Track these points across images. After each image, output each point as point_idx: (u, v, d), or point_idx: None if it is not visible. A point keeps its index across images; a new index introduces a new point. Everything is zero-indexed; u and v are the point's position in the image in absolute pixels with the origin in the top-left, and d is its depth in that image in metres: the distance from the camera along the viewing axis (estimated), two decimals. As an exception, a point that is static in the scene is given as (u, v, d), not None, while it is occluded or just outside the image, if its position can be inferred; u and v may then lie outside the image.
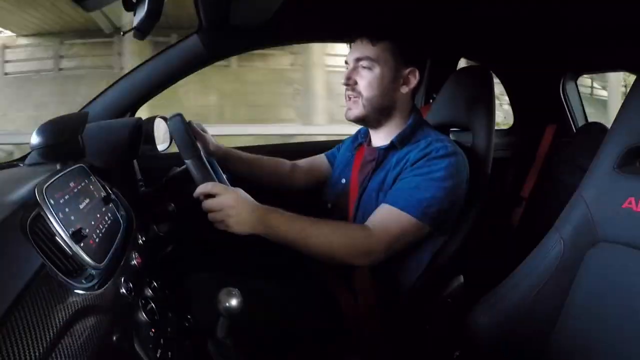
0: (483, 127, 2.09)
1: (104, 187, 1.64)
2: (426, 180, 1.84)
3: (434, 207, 1.82)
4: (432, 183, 1.83)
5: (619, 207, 1.48)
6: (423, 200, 1.81)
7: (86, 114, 1.62)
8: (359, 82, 2.01)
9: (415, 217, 1.81)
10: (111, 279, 1.23)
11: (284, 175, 2.54)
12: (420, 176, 1.85)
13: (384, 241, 1.80)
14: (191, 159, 1.72)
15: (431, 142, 1.93)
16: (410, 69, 2.02)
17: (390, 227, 1.82)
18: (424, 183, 1.83)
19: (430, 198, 1.82)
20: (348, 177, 2.20)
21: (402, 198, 1.84)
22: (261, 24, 2.22)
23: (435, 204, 1.82)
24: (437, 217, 1.83)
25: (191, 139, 1.75)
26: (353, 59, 2.04)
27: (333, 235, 1.80)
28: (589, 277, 1.51)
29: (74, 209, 1.29)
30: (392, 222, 1.82)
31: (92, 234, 1.28)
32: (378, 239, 1.80)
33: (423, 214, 1.81)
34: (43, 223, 1.12)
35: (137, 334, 1.27)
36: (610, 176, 1.54)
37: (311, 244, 1.78)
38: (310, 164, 2.59)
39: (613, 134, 1.58)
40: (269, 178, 2.49)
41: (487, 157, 2.06)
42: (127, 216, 1.70)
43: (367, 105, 2.01)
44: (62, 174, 1.38)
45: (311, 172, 2.56)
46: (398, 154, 1.99)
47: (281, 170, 2.55)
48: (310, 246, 1.79)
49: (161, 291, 1.60)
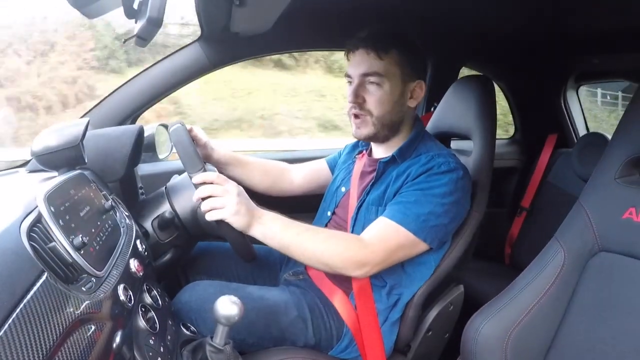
0: (484, 136, 2.09)
1: (104, 194, 1.64)
2: (426, 196, 1.82)
3: (432, 222, 1.81)
4: (432, 199, 1.82)
5: (619, 217, 1.49)
6: (421, 215, 1.80)
7: (87, 121, 1.62)
8: (368, 99, 1.96)
9: (412, 232, 1.80)
10: (111, 287, 1.22)
11: (284, 179, 2.54)
12: (421, 191, 1.84)
13: (379, 254, 1.79)
14: (196, 174, 1.72)
15: (433, 157, 1.92)
16: (417, 82, 1.99)
17: (386, 240, 1.81)
18: (423, 198, 1.82)
19: (428, 213, 1.80)
20: (348, 187, 2.18)
21: (400, 212, 1.82)
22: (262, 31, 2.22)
23: (432, 219, 1.81)
24: (434, 233, 1.83)
25: (195, 152, 1.74)
26: (359, 74, 1.96)
27: (328, 243, 1.79)
28: (589, 287, 1.51)
29: (74, 217, 1.29)
30: (388, 236, 1.81)
31: (92, 241, 1.27)
32: (373, 252, 1.79)
33: (420, 229, 1.80)
34: (43, 230, 1.12)
35: (136, 342, 1.27)
36: (611, 186, 1.54)
37: (305, 249, 1.78)
38: (310, 169, 2.58)
39: (614, 144, 1.59)
40: (269, 181, 2.49)
41: (488, 166, 2.06)
42: (127, 224, 1.69)
43: (377, 124, 1.98)
44: (62, 181, 1.38)
45: (311, 176, 2.56)
46: (398, 168, 1.97)
47: (282, 174, 2.55)
48: (304, 251, 1.78)
49: (161, 299, 1.59)
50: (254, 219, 1.72)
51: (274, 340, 1.91)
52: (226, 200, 1.67)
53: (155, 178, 2.61)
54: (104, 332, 1.07)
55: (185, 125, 1.80)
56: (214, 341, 1.45)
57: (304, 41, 2.85)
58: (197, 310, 1.85)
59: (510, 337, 1.56)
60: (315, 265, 1.83)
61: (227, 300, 1.41)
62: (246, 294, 1.92)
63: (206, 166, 1.77)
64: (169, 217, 1.92)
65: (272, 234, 1.75)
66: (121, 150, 1.94)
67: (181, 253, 2.05)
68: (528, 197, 3.56)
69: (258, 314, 1.88)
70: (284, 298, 1.99)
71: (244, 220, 1.70)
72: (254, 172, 2.45)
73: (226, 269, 2.30)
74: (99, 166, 1.86)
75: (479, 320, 1.63)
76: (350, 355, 1.97)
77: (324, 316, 1.97)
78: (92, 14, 1.59)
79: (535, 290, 1.58)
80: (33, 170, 1.97)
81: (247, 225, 1.71)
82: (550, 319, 1.57)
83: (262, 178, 2.47)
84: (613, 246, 1.49)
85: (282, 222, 1.78)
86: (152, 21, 1.35)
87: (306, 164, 2.61)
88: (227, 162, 2.36)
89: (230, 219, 1.68)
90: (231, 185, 1.70)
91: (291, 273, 2.24)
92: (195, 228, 1.98)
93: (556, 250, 1.59)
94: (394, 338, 2.00)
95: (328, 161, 2.55)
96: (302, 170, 2.58)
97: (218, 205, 1.67)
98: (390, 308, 1.97)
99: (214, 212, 1.69)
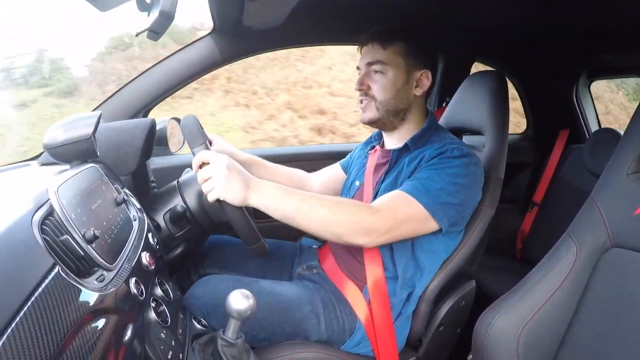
0: (497, 132, 2.09)
1: (116, 187, 1.64)
2: (439, 174, 1.82)
3: (442, 199, 1.80)
4: (445, 177, 1.81)
5: (631, 213, 1.48)
6: (432, 190, 1.79)
7: (99, 114, 1.62)
8: (372, 86, 2.02)
9: (422, 205, 1.78)
10: (123, 280, 1.22)
11: (305, 185, 2.56)
12: (434, 169, 1.84)
13: (387, 221, 1.77)
14: (198, 147, 1.71)
15: (446, 144, 1.92)
16: (423, 71, 2.03)
17: (395, 209, 1.80)
18: (436, 175, 1.82)
19: (439, 189, 1.80)
20: (362, 180, 2.20)
21: (411, 185, 1.82)
22: (274, 25, 2.22)
23: (443, 196, 1.80)
24: (443, 210, 1.81)
25: (200, 131, 1.73)
26: (365, 64, 2.05)
27: (335, 209, 1.75)
28: (602, 282, 1.50)
29: (86, 210, 1.29)
30: (398, 205, 1.80)
31: (104, 234, 1.28)
32: (382, 219, 1.77)
33: (430, 203, 1.79)
34: (55, 223, 1.12)
35: (147, 335, 1.27)
36: (624, 182, 1.54)
37: (312, 216, 1.73)
38: (327, 175, 2.59)
39: (627, 140, 1.58)
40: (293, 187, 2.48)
41: (501, 162, 2.06)
42: (139, 217, 1.70)
43: (381, 109, 2.02)
44: (74, 174, 1.39)
45: (328, 182, 2.57)
46: (411, 154, 1.98)
47: (303, 180, 2.57)
48: (310, 219, 1.74)
49: (172, 292, 1.60)
50: (249, 190, 1.68)
51: (286, 335, 1.91)
52: (216, 180, 1.64)
53: (167, 171, 2.62)
54: (115, 325, 1.07)
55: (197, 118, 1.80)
56: (226, 335, 1.46)
57: (316, 36, 2.85)
58: (210, 305, 1.86)
59: (522, 333, 1.56)
60: (322, 233, 1.78)
61: (239, 294, 1.42)
62: (259, 288, 1.93)
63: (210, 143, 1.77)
64: (180, 210, 1.92)
65: (273, 203, 1.71)
66: (133, 143, 1.94)
67: (193, 246, 2.05)
68: (540, 192, 3.56)
69: (271, 308, 1.89)
70: (297, 293, 2.00)
71: (237, 192, 1.65)
72: (278, 176, 2.47)
73: (237, 262, 2.31)
74: (111, 159, 1.86)
75: (490, 316, 1.62)
76: (363, 350, 1.96)
77: (337, 311, 1.97)
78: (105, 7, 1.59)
79: (547, 286, 1.57)
80: (45, 163, 1.97)
81: (243, 197, 1.67)
82: (562, 314, 1.56)
83: (286, 183, 2.43)
84: (625, 242, 1.48)
85: (284, 189, 1.75)
86: (165, 14, 1.35)
87: (322, 171, 2.63)
88: (251, 164, 2.39)
89: (224, 195, 1.65)
90: (219, 160, 1.66)
91: (305, 267, 2.24)
92: (206, 221, 1.98)
93: (568, 246, 1.59)
94: (407, 333, 2.00)
95: (342, 164, 2.57)
96: (320, 177, 2.60)
97: (209, 187, 1.65)
98: (403, 302, 1.97)
99: (210, 193, 1.66)
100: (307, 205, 1.73)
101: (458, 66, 3.25)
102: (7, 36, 7.24)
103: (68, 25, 6.47)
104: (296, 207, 1.72)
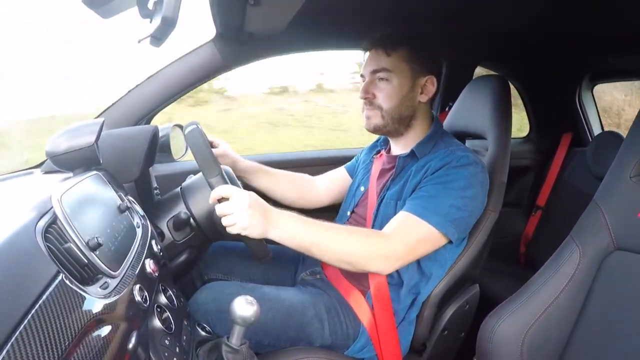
0: (500, 136, 2.09)
1: (119, 195, 1.64)
2: (446, 189, 1.83)
3: (452, 215, 1.81)
4: (452, 192, 1.83)
5: (634, 215, 1.48)
6: (442, 209, 1.81)
7: (102, 121, 1.62)
8: (377, 94, 2.02)
9: (434, 226, 1.80)
10: (126, 287, 1.22)
11: (310, 190, 2.56)
12: (441, 184, 1.85)
13: (401, 248, 1.80)
14: (214, 178, 1.71)
15: (452, 152, 1.93)
16: (428, 77, 2.03)
17: (408, 234, 1.81)
18: (444, 192, 1.83)
19: (449, 207, 1.81)
20: (367, 185, 2.20)
21: (421, 206, 1.83)
22: (277, 31, 2.22)
23: (453, 212, 1.81)
24: (455, 226, 1.83)
25: (212, 156, 1.73)
26: (369, 72, 2.05)
27: (349, 239, 1.79)
28: (605, 285, 1.51)
29: (90, 217, 1.29)
30: (410, 230, 1.81)
31: (107, 242, 1.27)
32: (395, 245, 1.79)
33: (441, 223, 1.80)
34: (58, 231, 1.12)
35: (152, 342, 1.27)
36: (627, 185, 1.54)
37: (327, 248, 1.77)
38: (332, 178, 2.60)
39: (629, 142, 1.58)
40: (297, 191, 2.52)
41: (504, 166, 2.06)
42: (142, 224, 1.69)
43: (386, 117, 2.03)
44: (78, 182, 1.39)
45: (333, 185, 2.57)
46: (418, 162, 1.99)
47: (307, 185, 2.57)
48: (326, 251, 1.77)
49: (176, 299, 1.59)
50: (269, 225, 1.71)
51: (290, 340, 1.91)
52: (238, 217, 1.65)
53: (170, 178, 2.62)
54: (119, 332, 1.07)
55: (200, 127, 1.79)
56: (230, 341, 1.45)
57: (319, 42, 2.85)
58: (214, 311, 1.86)
59: (526, 337, 1.56)
60: (337, 264, 1.83)
61: (243, 300, 1.41)
62: (263, 294, 1.93)
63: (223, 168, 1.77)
64: (184, 217, 1.92)
65: (290, 237, 1.74)
66: (136, 150, 1.94)
67: (197, 253, 2.05)
68: (543, 196, 3.56)
69: (275, 314, 1.89)
70: (301, 298, 2.00)
71: (258, 230, 1.68)
72: (281, 182, 2.49)
73: (240, 268, 2.31)
74: (114, 167, 1.86)
75: (494, 320, 1.62)
76: (367, 355, 1.97)
77: (340, 316, 1.97)
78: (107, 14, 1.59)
79: (551, 290, 1.57)
80: (48, 171, 1.97)
81: (262, 233, 1.70)
82: (566, 318, 1.56)
83: (290, 188, 2.50)
84: (629, 245, 1.48)
85: (300, 222, 1.77)
86: (167, 21, 1.35)
87: (327, 174, 2.63)
88: (254, 172, 2.40)
89: (245, 232, 1.67)
90: (241, 198, 1.67)
91: (308, 273, 2.25)
92: (210, 229, 1.98)
93: (572, 249, 1.59)
94: (410, 337, 2.00)
95: (347, 168, 2.57)
96: (324, 180, 2.61)
97: (230, 222, 1.66)
98: (407, 307, 1.97)
99: (231, 228, 1.67)
100: (322, 238, 1.77)
101: (461, 71, 3.25)
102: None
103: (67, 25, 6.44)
104: (311, 241, 1.76)
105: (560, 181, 3.50)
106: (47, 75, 7.39)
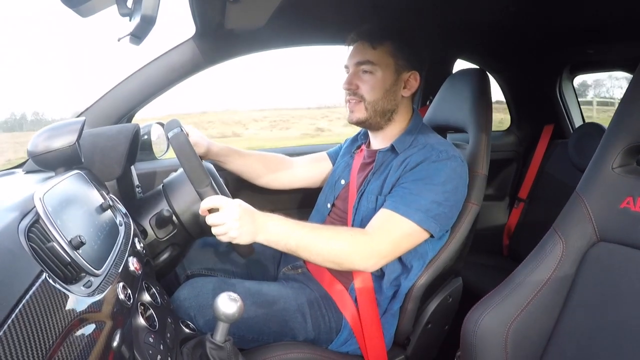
0: (480, 129, 2.11)
1: (101, 193, 1.63)
2: (426, 185, 1.85)
3: (434, 211, 1.83)
4: (432, 187, 1.84)
5: (617, 206, 1.49)
6: (423, 205, 1.82)
7: (83, 120, 1.61)
8: (361, 86, 2.03)
9: (416, 223, 1.82)
10: (110, 286, 1.22)
11: (285, 170, 2.57)
12: (421, 180, 1.86)
13: (385, 246, 1.82)
14: (204, 189, 1.71)
15: (432, 146, 1.95)
16: (412, 73, 2.05)
17: (391, 232, 1.83)
18: (424, 188, 1.85)
19: (430, 202, 1.83)
20: (347, 179, 2.21)
21: (402, 204, 1.84)
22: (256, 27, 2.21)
23: (434, 208, 1.83)
24: (437, 221, 1.84)
25: (200, 166, 1.73)
26: (353, 63, 2.05)
27: (334, 241, 1.81)
28: (589, 277, 1.51)
29: (72, 216, 1.29)
30: (393, 228, 1.83)
31: (90, 240, 1.27)
32: (380, 244, 1.82)
33: (423, 219, 1.82)
34: (41, 230, 1.12)
35: (136, 340, 1.27)
36: (609, 176, 1.54)
37: (313, 250, 1.79)
38: (312, 159, 2.60)
39: (611, 133, 1.58)
40: (270, 172, 2.52)
41: (485, 158, 2.07)
42: (125, 222, 1.69)
43: (369, 109, 2.04)
44: (60, 181, 1.38)
45: (313, 167, 2.58)
46: (398, 157, 2.00)
47: (282, 165, 2.57)
48: (312, 252, 1.79)
49: (160, 296, 1.59)
50: (257, 231, 1.73)
51: (274, 335, 1.92)
52: (228, 227, 1.67)
53: (152, 176, 2.61)
54: (104, 331, 1.07)
55: (183, 129, 1.79)
56: (214, 338, 1.45)
57: (299, 37, 2.85)
58: (197, 307, 1.86)
59: (510, 329, 1.56)
60: (324, 264, 1.85)
61: (227, 297, 1.41)
62: (245, 289, 1.94)
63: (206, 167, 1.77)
64: (166, 215, 1.91)
65: (277, 240, 1.77)
66: (118, 149, 1.93)
67: (180, 250, 2.05)
68: (525, 188, 3.58)
69: (257, 309, 1.89)
70: (283, 292, 2.01)
71: (247, 238, 1.71)
72: (254, 163, 2.48)
73: (223, 263, 2.33)
74: (95, 165, 1.86)
75: (478, 313, 1.62)
76: (350, 347, 1.98)
77: (323, 309, 1.98)
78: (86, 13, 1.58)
79: (534, 282, 1.58)
80: (30, 170, 1.96)
81: (252, 239, 1.72)
82: (550, 310, 1.56)
83: (263, 169, 2.49)
84: (611, 236, 1.49)
85: (286, 226, 1.79)
86: (146, 19, 1.35)
87: (307, 156, 2.63)
88: (227, 154, 2.39)
89: (236, 241, 1.70)
90: (231, 209, 1.68)
91: (290, 267, 2.26)
92: (192, 226, 1.98)
93: (554, 241, 1.59)
94: (393, 330, 2.01)
95: (330, 153, 2.58)
96: (304, 161, 2.61)
97: (222, 232, 1.68)
98: (389, 299, 1.99)
99: (222, 237, 1.70)
100: (308, 240, 1.79)
101: (441, 64, 3.27)
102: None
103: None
104: (297, 243, 1.78)
105: (542, 173, 3.52)
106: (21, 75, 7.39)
